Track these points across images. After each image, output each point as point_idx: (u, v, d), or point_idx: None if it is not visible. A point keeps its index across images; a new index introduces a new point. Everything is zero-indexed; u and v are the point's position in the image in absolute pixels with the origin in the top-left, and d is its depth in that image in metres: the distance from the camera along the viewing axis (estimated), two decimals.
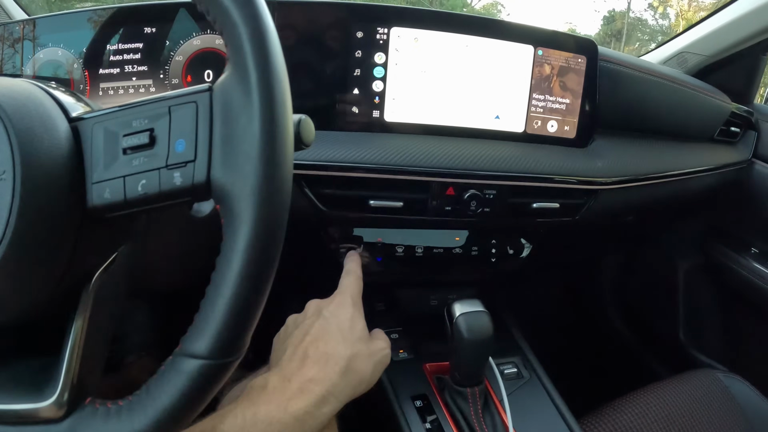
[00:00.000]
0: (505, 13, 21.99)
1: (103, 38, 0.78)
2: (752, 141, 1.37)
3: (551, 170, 0.90)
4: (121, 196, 0.42)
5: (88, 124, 0.44)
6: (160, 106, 0.43)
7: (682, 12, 20.49)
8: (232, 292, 0.39)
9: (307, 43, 0.83)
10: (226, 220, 0.40)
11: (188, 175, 0.41)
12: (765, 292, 1.31)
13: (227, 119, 0.41)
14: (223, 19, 0.41)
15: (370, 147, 0.81)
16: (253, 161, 0.39)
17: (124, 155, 0.42)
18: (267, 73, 0.40)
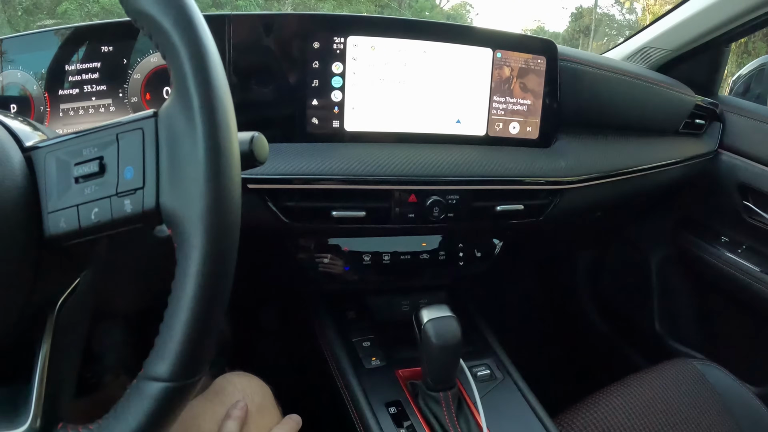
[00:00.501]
0: (474, 13, 22.08)
1: (61, 59, 0.78)
2: (718, 132, 1.39)
3: (514, 172, 0.90)
4: (76, 225, 0.42)
5: (41, 153, 0.44)
6: (108, 133, 0.43)
7: (648, 6, 20.66)
8: (187, 316, 0.39)
9: (264, 55, 0.83)
10: (178, 244, 0.40)
11: (138, 202, 0.42)
12: (736, 280, 1.34)
13: (172, 144, 0.41)
14: (164, 43, 0.41)
15: (331, 158, 0.81)
16: (199, 186, 0.39)
17: (77, 184, 0.43)
18: (209, 98, 0.40)
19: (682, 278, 1.57)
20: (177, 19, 0.41)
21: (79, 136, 0.44)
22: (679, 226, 1.53)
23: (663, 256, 1.59)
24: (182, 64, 0.40)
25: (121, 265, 0.58)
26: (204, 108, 0.40)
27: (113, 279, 0.57)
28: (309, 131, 0.84)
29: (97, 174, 0.43)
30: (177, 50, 0.41)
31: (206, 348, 0.41)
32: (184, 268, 0.39)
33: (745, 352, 1.43)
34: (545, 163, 0.96)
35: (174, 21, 0.41)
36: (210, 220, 0.39)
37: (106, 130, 0.44)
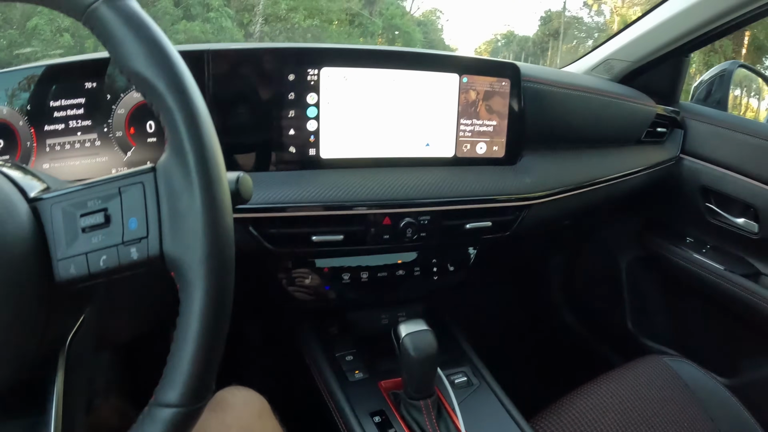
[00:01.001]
0: (444, 19, 22.16)
1: (46, 94, 0.79)
2: (679, 138, 1.45)
3: (481, 191, 0.95)
4: (86, 271, 0.46)
5: (46, 204, 0.47)
6: (111, 187, 0.47)
7: (616, 8, 20.81)
8: (194, 348, 0.44)
9: (242, 88, 0.86)
10: (181, 285, 0.45)
11: (143, 250, 0.46)
12: (702, 278, 1.39)
13: (172, 198, 0.46)
14: (158, 104, 0.46)
15: (309, 185, 0.85)
16: (199, 236, 0.44)
17: (84, 233, 0.47)
18: (203, 157, 0.45)
19: (651, 278, 1.62)
20: (170, 82, 0.45)
21: (83, 188, 0.48)
22: (645, 229, 1.58)
23: (632, 257, 1.64)
24: (177, 125, 0.45)
25: (117, 299, 0.62)
26: (199, 166, 0.45)
27: (111, 311, 0.61)
28: (287, 159, 0.88)
29: (103, 225, 0.46)
30: (172, 112, 0.45)
31: (212, 375, 0.46)
32: (189, 306, 0.44)
33: (713, 346, 1.48)
34: (511, 180, 1.00)
35: (167, 84, 0.45)
36: (210, 264, 0.44)
37: (109, 183, 0.47)
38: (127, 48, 0.46)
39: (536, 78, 1.05)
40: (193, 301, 0.44)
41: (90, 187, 0.48)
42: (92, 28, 0.47)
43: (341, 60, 0.88)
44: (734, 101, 3.61)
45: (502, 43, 40.55)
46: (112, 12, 0.46)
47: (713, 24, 1.24)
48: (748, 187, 1.32)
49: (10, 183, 0.49)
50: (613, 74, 1.46)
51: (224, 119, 0.84)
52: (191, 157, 0.45)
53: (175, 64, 0.47)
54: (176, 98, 0.45)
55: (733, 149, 1.36)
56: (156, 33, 0.47)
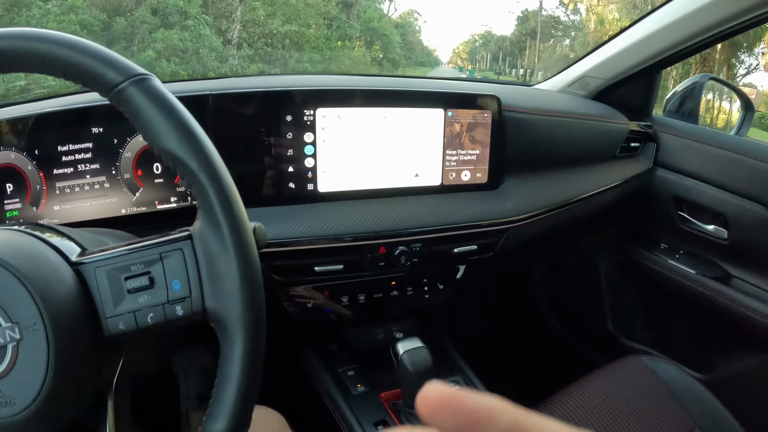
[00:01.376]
0: (422, 20, 22.23)
1: (53, 139, 0.81)
2: (652, 151, 1.51)
3: (466, 218, 1.01)
4: (134, 326, 0.52)
5: (89, 268, 0.52)
6: (152, 252, 0.53)
7: (591, 7, 20.97)
8: (237, 388, 0.51)
9: (243, 127, 0.90)
10: (222, 336, 0.53)
11: (188, 307, 0.53)
12: (676, 282, 1.46)
13: (210, 262, 0.53)
14: (191, 179, 0.53)
15: (309, 219, 0.91)
16: (237, 295, 0.52)
17: (130, 294, 0.52)
18: (236, 226, 0.53)
19: (628, 282, 1.69)
20: (201, 161, 0.52)
21: (125, 253, 0.53)
22: (622, 236, 1.64)
23: (610, 263, 1.70)
24: (210, 199, 0.52)
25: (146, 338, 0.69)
26: (233, 235, 0.52)
27: (141, 348, 0.68)
28: (287, 195, 0.93)
29: (148, 287, 0.53)
30: (205, 188, 0.52)
31: (251, 409, 0.53)
32: (230, 353, 0.52)
33: (689, 345, 1.55)
34: (494, 205, 1.06)
35: (199, 163, 0.52)
36: (247, 318, 0.52)
37: (149, 249, 0.54)
38: (157, 127, 0.52)
39: (516, 107, 1.11)
40: (235, 349, 0.51)
41: (131, 252, 0.54)
42: (120, 105, 0.53)
43: (335, 100, 0.93)
44: (708, 104, 3.71)
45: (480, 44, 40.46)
46: (140, 92, 0.52)
47: (685, 44, 1.29)
48: (718, 196, 1.38)
49: (51, 249, 0.53)
50: (588, 90, 1.51)
51: (226, 157, 0.87)
52: (225, 227, 0.52)
53: (204, 144, 0.53)
54: (208, 176, 0.52)
55: (703, 161, 1.42)
56: (183, 114, 0.53)
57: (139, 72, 0.53)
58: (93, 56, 0.51)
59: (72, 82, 0.53)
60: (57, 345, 0.46)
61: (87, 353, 0.50)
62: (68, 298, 0.49)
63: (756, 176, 1.32)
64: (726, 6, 1.16)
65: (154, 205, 0.87)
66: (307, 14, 22.09)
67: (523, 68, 42.27)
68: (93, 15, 18.65)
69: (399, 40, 24.45)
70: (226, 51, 20.04)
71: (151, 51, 17.92)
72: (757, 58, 24.69)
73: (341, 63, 24.81)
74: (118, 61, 0.52)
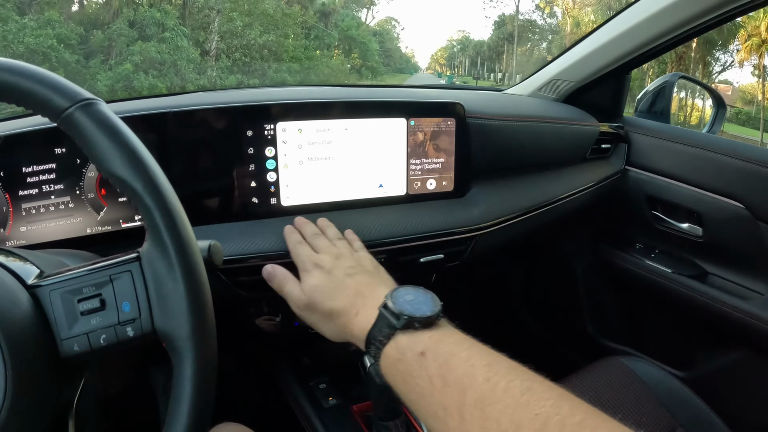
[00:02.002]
0: (400, 27, 22.51)
1: (18, 161, 0.81)
2: (623, 152, 1.53)
3: (432, 227, 1.00)
4: (88, 347, 0.53)
5: (44, 291, 0.54)
6: (102, 275, 0.55)
7: (567, 10, 21.22)
8: (190, 406, 0.52)
9: (204, 144, 0.89)
10: (173, 354, 0.53)
11: (138, 328, 0.54)
12: (653, 282, 1.48)
13: (158, 283, 0.54)
14: (137, 201, 0.54)
15: (274, 233, 0.89)
16: (185, 314, 0.53)
17: (83, 316, 0.54)
18: (181, 247, 0.54)
19: (605, 283, 1.70)
20: (146, 183, 0.53)
21: (77, 276, 0.55)
22: (597, 237, 1.66)
23: (586, 265, 1.71)
24: (156, 221, 0.53)
25: (108, 361, 0.69)
26: (179, 256, 0.53)
27: (104, 370, 0.67)
28: (250, 210, 0.92)
29: (99, 309, 0.54)
30: (150, 210, 0.53)
31: (207, 425, 0.54)
32: (182, 372, 0.52)
33: (668, 343, 1.57)
34: (460, 213, 1.05)
35: (144, 185, 0.53)
36: (196, 337, 0.53)
37: (100, 272, 0.55)
38: (103, 151, 0.53)
39: (481, 114, 1.11)
40: (185, 367, 0.52)
41: (83, 275, 0.55)
42: (68, 130, 0.53)
43: (295, 114, 0.92)
44: (681, 102, 3.83)
45: (458, 49, 40.91)
46: (86, 116, 0.53)
47: (652, 44, 1.31)
48: (691, 194, 1.40)
49: (8, 273, 0.54)
50: (558, 93, 1.53)
51: (188, 174, 0.88)
52: (171, 249, 0.53)
53: (149, 166, 0.54)
54: (153, 197, 0.53)
55: (675, 159, 1.44)
56: (128, 136, 0.54)
57: (85, 97, 0.54)
58: (40, 82, 0.52)
59: (22, 107, 0.54)
60: (14, 367, 0.47)
61: (44, 375, 0.51)
62: (24, 320, 0.51)
63: (728, 172, 1.34)
64: (690, 5, 1.18)
65: (118, 223, 0.87)
66: (285, 24, 22.19)
67: (501, 72, 42.54)
68: (70, 29, 18.62)
69: (377, 48, 24.59)
70: (204, 62, 20.05)
71: (128, 64, 17.91)
72: (731, 55, 25.07)
73: (320, 72, 24.91)
74: (65, 87, 0.53)
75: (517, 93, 1.62)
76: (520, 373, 0.54)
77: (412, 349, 0.60)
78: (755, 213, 1.29)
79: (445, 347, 0.59)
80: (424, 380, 0.57)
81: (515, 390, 0.50)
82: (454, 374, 0.55)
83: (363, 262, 0.81)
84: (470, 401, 0.51)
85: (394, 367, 0.62)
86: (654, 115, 1.64)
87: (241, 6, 21.36)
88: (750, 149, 1.33)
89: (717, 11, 1.16)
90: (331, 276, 0.77)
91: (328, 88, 1.30)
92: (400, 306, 0.64)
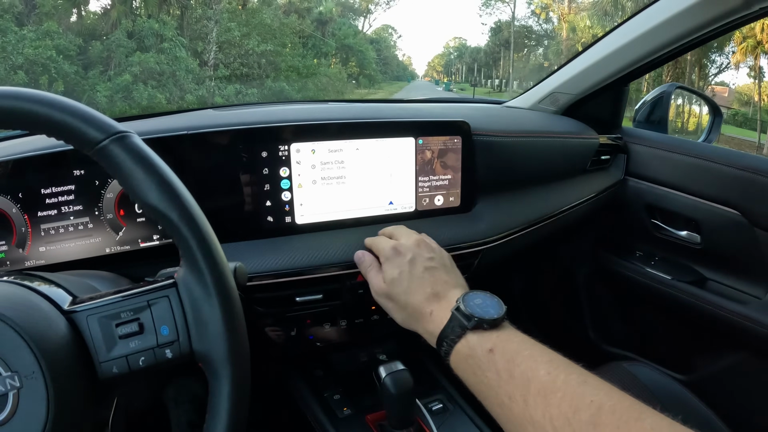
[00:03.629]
0: (396, 35, 22.54)
1: (37, 182, 0.82)
2: (623, 162, 1.56)
3: (440, 242, 0.99)
4: (127, 370, 0.56)
5: (81, 316, 0.56)
6: (139, 300, 0.58)
7: (563, 15, 21.23)
8: (227, 422, 0.55)
9: (220, 165, 0.92)
10: (209, 374, 0.57)
11: (176, 350, 0.58)
12: (653, 288, 1.50)
13: (195, 308, 0.57)
14: (172, 231, 0.57)
15: (290, 251, 0.93)
16: (222, 337, 0.56)
17: (121, 339, 0.56)
18: (217, 273, 0.57)
19: (606, 290, 1.73)
20: (182, 214, 0.56)
21: (114, 301, 0.57)
22: (598, 246, 1.68)
23: (587, 272, 1.74)
24: (192, 249, 0.56)
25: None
26: (215, 281, 0.57)
27: (134, 387, 0.70)
28: (266, 228, 0.95)
29: (138, 332, 0.57)
30: (186, 239, 0.56)
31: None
32: (219, 390, 0.56)
33: (668, 347, 1.60)
34: (467, 228, 1.09)
35: (180, 215, 0.56)
36: (232, 357, 0.56)
37: (138, 297, 0.58)
38: (138, 183, 0.55)
39: (485, 131, 1.14)
40: (222, 386, 0.56)
41: (121, 300, 0.58)
42: (101, 161, 0.56)
43: (309, 135, 0.96)
44: (678, 109, 3.86)
45: (455, 56, 40.69)
46: (121, 149, 0.55)
47: (650, 57, 1.33)
48: (689, 202, 1.43)
49: (43, 299, 0.56)
50: (558, 106, 1.56)
51: (204, 194, 0.87)
52: (208, 276, 0.56)
53: (184, 197, 0.57)
54: (189, 227, 0.56)
55: (673, 169, 1.47)
56: (163, 168, 0.57)
57: (119, 130, 0.56)
58: (74, 114, 0.54)
59: (55, 138, 0.55)
60: (56, 391, 0.49)
61: (84, 397, 0.53)
62: (63, 345, 0.52)
63: (724, 181, 1.36)
64: (690, 18, 1.19)
65: (137, 243, 0.89)
66: (283, 33, 22.19)
67: (498, 78, 42.43)
68: (69, 40, 18.61)
69: (374, 56, 24.58)
70: (202, 72, 20.05)
71: (128, 75, 17.89)
72: (727, 57, 25.05)
73: (318, 81, 24.83)
74: (99, 120, 0.55)
75: (517, 106, 1.64)
76: (576, 368, 0.62)
77: (482, 347, 0.68)
78: (751, 219, 1.32)
79: (511, 345, 0.67)
80: (492, 373, 0.65)
81: (573, 382, 0.59)
82: (520, 368, 0.63)
83: (443, 254, 0.88)
84: (534, 390, 0.60)
85: (465, 362, 0.70)
86: (652, 125, 1.66)
87: (238, 16, 21.41)
88: (745, 158, 1.36)
89: (717, 23, 1.18)
90: (412, 267, 0.83)
91: (336, 104, 1.33)
92: (471, 309, 0.71)
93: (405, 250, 0.85)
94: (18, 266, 0.81)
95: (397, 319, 0.84)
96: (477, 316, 0.70)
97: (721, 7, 1.12)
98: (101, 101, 16.38)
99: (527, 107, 1.62)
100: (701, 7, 1.15)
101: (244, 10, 22.66)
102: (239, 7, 22.60)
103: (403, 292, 0.81)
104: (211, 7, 20.32)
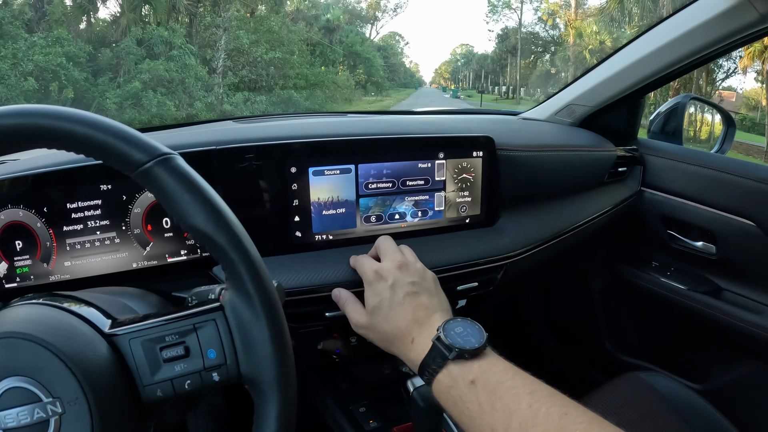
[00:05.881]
0: (404, 42, 22.60)
1: (62, 197, 0.80)
2: (639, 174, 1.57)
3: (466, 257, 1.04)
4: (172, 393, 0.56)
5: (124, 339, 0.55)
6: (185, 324, 0.58)
7: (570, 21, 21.17)
8: None
9: (248, 181, 0.92)
10: (256, 396, 0.57)
11: (224, 374, 0.57)
12: (669, 298, 1.52)
13: (243, 331, 0.57)
14: (220, 254, 0.57)
15: (319, 266, 0.94)
16: (270, 361, 0.56)
17: (166, 363, 0.56)
18: (266, 296, 0.57)
19: (622, 300, 1.74)
20: (230, 238, 0.56)
21: (158, 324, 0.57)
22: (614, 256, 1.70)
23: (603, 283, 1.75)
24: (240, 273, 0.56)
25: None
26: (264, 305, 0.57)
27: (168, 408, 0.71)
28: (295, 243, 0.96)
29: (183, 356, 0.56)
30: (234, 263, 0.56)
31: None
32: (267, 412, 0.56)
33: (684, 357, 1.61)
34: (491, 242, 1.10)
35: (228, 240, 0.56)
36: (281, 380, 0.56)
37: (184, 320, 0.58)
38: (185, 206, 0.55)
39: (508, 146, 1.15)
40: (270, 408, 0.56)
41: (165, 323, 0.58)
42: (145, 184, 0.55)
43: (337, 152, 0.96)
44: (691, 118, 3.78)
45: (462, 63, 40.47)
46: (166, 172, 0.54)
47: (667, 70, 1.34)
48: (705, 214, 1.44)
49: (82, 322, 0.56)
50: (574, 118, 1.57)
51: (233, 209, 0.89)
52: (257, 299, 0.57)
53: (231, 221, 0.57)
54: (237, 251, 0.56)
55: (689, 180, 1.49)
56: (209, 192, 0.56)
57: (163, 152, 0.55)
58: (116, 136, 0.53)
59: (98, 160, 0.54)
60: (100, 416, 0.49)
61: (127, 420, 0.54)
62: (106, 370, 0.52)
63: (739, 192, 1.38)
64: (705, 33, 1.21)
65: (164, 258, 0.88)
66: (291, 41, 22.26)
67: (506, 85, 42.29)
68: (79, 47, 18.68)
69: (382, 63, 24.61)
70: (211, 80, 20.12)
71: (137, 82, 17.95)
72: (734, 61, 24.95)
73: (326, 87, 24.77)
74: (142, 141, 0.54)
75: (534, 117, 1.66)
76: (558, 399, 0.62)
77: (464, 378, 0.68)
78: (766, 230, 1.33)
79: (492, 376, 0.67)
80: (474, 405, 0.65)
81: (554, 415, 0.59)
82: (501, 401, 0.63)
83: (426, 276, 0.88)
84: (515, 424, 0.60)
85: (447, 392, 0.70)
86: (666, 136, 1.67)
87: (247, 24, 21.46)
88: (761, 170, 1.37)
89: (733, 37, 1.19)
90: (393, 294, 0.82)
91: (357, 117, 1.34)
92: (451, 339, 0.71)
93: (387, 274, 0.84)
94: (42, 281, 0.81)
95: (381, 347, 0.85)
96: (458, 347, 0.70)
97: (738, 21, 1.13)
98: (111, 108, 16.42)
99: (543, 119, 1.64)
100: (718, 21, 1.16)
101: (252, 18, 22.73)
102: (248, 15, 22.70)
103: (384, 320, 0.81)
104: (220, 15, 20.40)
